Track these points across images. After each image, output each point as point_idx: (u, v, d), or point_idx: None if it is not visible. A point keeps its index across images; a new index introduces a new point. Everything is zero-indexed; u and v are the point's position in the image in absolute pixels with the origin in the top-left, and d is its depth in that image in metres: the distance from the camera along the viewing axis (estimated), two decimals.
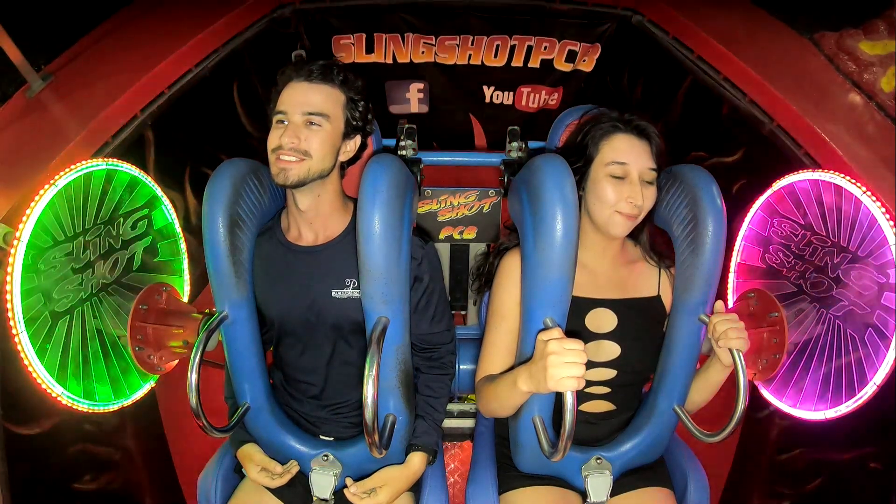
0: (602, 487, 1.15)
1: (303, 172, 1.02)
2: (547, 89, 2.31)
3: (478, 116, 2.47)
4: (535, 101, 2.36)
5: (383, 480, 1.14)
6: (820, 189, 1.18)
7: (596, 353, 1.13)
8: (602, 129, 1.10)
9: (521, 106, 2.39)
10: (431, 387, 1.21)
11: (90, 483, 1.26)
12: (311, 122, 1.03)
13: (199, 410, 1.00)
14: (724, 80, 1.52)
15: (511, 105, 2.38)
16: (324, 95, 1.05)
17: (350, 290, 1.11)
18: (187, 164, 1.58)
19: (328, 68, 1.06)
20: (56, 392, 1.06)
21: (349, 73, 1.09)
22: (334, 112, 1.06)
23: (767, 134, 1.40)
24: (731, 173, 1.55)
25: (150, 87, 1.40)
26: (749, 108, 1.44)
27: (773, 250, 1.30)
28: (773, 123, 1.38)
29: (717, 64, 1.55)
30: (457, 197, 1.80)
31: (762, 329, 1.19)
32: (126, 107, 1.32)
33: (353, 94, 1.08)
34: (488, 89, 2.35)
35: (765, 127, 1.40)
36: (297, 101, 1.04)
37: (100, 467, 1.30)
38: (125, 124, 1.32)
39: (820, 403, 1.15)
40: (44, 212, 1.03)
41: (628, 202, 1.05)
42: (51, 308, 1.06)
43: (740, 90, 1.47)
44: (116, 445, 1.35)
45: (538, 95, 2.34)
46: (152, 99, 1.38)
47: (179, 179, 1.56)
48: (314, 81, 1.05)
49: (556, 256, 0.97)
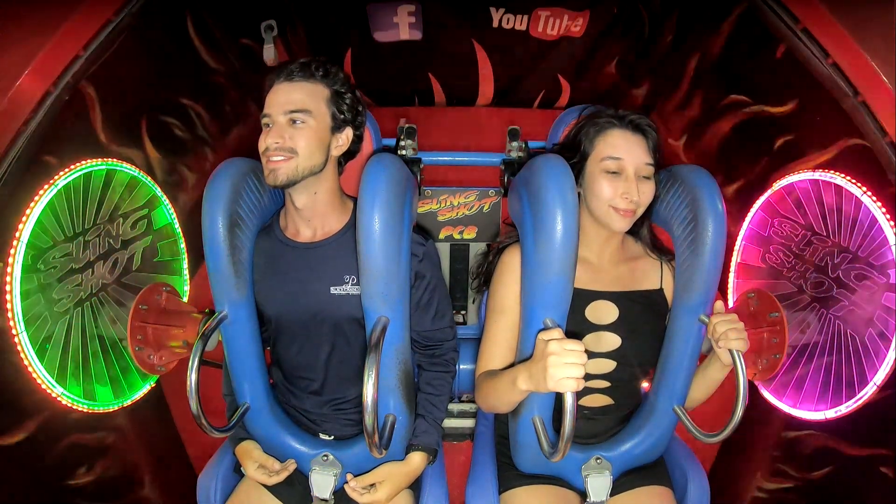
0: (602, 487, 1.15)
1: (291, 171, 1.02)
2: (570, 13, 1.84)
3: (484, 45, 2.00)
4: (554, 28, 1.90)
5: (383, 476, 1.14)
6: (820, 189, 1.17)
7: (596, 345, 1.13)
8: (597, 125, 1.11)
9: (538, 32, 1.92)
10: (433, 385, 1.21)
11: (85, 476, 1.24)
12: (295, 120, 1.04)
13: (199, 410, 1.00)
14: (803, 31, 1.19)
15: (525, 31, 1.91)
16: (305, 92, 1.05)
17: (349, 287, 1.11)
18: (143, 115, 1.41)
19: (307, 65, 1.07)
20: (56, 392, 1.06)
21: (331, 67, 1.09)
22: (317, 107, 1.06)
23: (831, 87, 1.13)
24: (778, 126, 1.36)
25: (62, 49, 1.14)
26: (830, 72, 1.14)
27: (774, 250, 1.30)
28: (857, 98, 1.10)
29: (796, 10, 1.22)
30: (457, 197, 1.80)
31: (762, 329, 1.19)
32: (43, 72, 1.10)
33: (337, 86, 1.08)
34: (497, 12, 1.87)
35: (848, 100, 1.12)
36: (279, 102, 1.04)
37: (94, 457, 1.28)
38: (46, 93, 1.10)
39: (820, 403, 1.16)
40: (43, 212, 1.03)
41: (623, 198, 1.05)
42: (51, 308, 1.06)
43: (823, 49, 1.15)
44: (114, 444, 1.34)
45: (559, 20, 1.87)
46: (69, 63, 1.15)
47: (136, 133, 1.39)
48: (295, 80, 1.05)
49: (556, 257, 0.97)
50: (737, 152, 1.53)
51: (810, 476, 1.31)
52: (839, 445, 1.21)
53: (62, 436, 1.17)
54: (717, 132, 1.60)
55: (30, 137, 1.05)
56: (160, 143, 1.44)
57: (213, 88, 1.65)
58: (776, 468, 1.42)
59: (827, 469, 1.26)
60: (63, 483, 1.19)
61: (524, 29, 1.90)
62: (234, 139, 1.77)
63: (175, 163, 1.52)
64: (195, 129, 1.61)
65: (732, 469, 1.60)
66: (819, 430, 1.26)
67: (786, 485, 1.39)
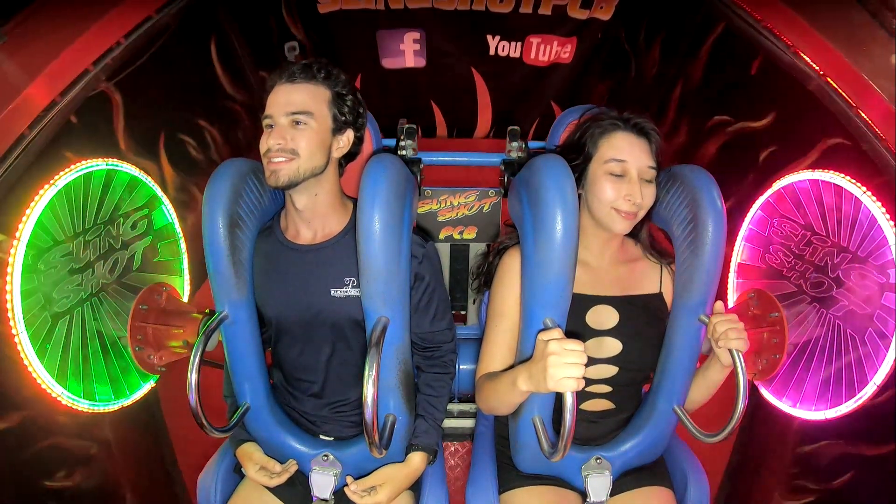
0: (602, 487, 1.15)
1: (292, 172, 1.02)
2: (559, 40, 2.04)
3: (481, 71, 2.20)
4: (545, 54, 2.09)
5: (383, 479, 1.14)
6: (820, 189, 1.18)
7: (597, 350, 1.13)
8: (601, 127, 1.11)
9: (530, 59, 2.12)
10: (432, 386, 1.21)
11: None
12: (297, 122, 1.04)
13: (199, 410, 1.00)
14: (765, 28, 1.34)
15: (518, 58, 2.11)
16: (307, 94, 1.05)
17: (349, 289, 1.11)
18: (161, 130, 1.46)
19: (309, 66, 1.07)
20: (56, 392, 1.06)
21: (332, 69, 1.09)
22: (318, 109, 1.06)
23: (814, 89, 1.22)
24: (758, 140, 1.43)
25: (103, 36, 1.22)
26: (792, 59, 1.26)
27: (774, 250, 1.30)
28: (821, 77, 1.20)
29: (753, 10, 1.37)
30: (457, 197, 1.80)
31: (762, 329, 1.19)
32: (77, 57, 1.16)
33: (339, 88, 1.09)
34: (493, 39, 2.07)
35: (811, 82, 1.22)
36: (281, 103, 1.04)
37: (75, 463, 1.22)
38: (79, 76, 1.16)
39: (820, 403, 1.16)
40: (44, 212, 1.03)
41: (626, 200, 1.05)
42: (51, 308, 1.06)
43: (782, 40, 1.29)
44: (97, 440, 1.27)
45: (549, 47, 2.06)
46: (107, 49, 1.22)
47: (153, 148, 1.45)
48: (297, 81, 1.06)
49: (556, 257, 0.97)
50: (723, 172, 1.58)
51: (831, 486, 1.25)
52: (857, 448, 1.17)
53: (47, 435, 1.12)
54: (704, 155, 1.65)
55: (55, 131, 1.07)
56: (175, 160, 1.48)
57: (229, 114, 1.69)
58: (795, 485, 1.36)
59: (849, 475, 1.20)
60: (39, 483, 1.13)
61: (518, 56, 2.12)
62: None
63: (186, 182, 1.53)
64: (209, 152, 1.64)
65: (745, 493, 1.53)
66: (833, 438, 1.21)
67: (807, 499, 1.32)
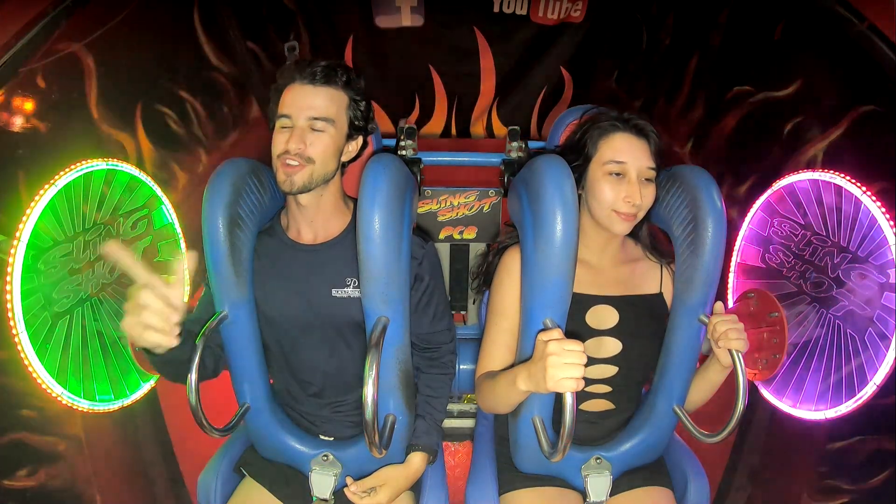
0: (602, 487, 1.16)
1: (306, 178, 1.02)
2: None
3: (484, 31, 2.03)
4: (554, 11, 1.94)
5: (383, 479, 1.14)
6: (820, 189, 1.18)
7: (597, 350, 1.13)
8: (601, 128, 1.11)
9: (538, 17, 1.96)
10: (432, 386, 1.21)
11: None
12: (316, 128, 1.03)
13: (199, 410, 1.00)
14: None
15: (525, 16, 1.95)
16: (328, 99, 1.04)
17: (350, 290, 1.11)
18: (139, 100, 1.36)
19: (332, 69, 1.05)
20: (56, 392, 1.06)
21: (352, 73, 1.08)
22: (338, 115, 1.05)
23: (855, 36, 1.07)
24: (783, 110, 1.33)
25: None
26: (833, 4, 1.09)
27: (773, 250, 1.30)
28: (865, 24, 1.04)
29: None
30: (457, 197, 1.80)
31: (762, 329, 1.19)
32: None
33: (354, 94, 1.08)
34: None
35: (853, 28, 1.06)
36: (302, 105, 1.03)
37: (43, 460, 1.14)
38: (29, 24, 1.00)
39: (820, 403, 1.16)
40: (44, 212, 1.03)
41: (626, 201, 1.05)
42: (51, 308, 1.06)
43: None
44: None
45: (559, 4, 1.92)
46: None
47: (129, 117, 1.34)
48: (318, 84, 1.04)
49: (555, 257, 0.97)
50: (745, 148, 1.49)
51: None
52: (888, 444, 1.09)
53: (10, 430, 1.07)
54: (723, 130, 1.57)
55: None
56: (153, 133, 1.38)
57: (213, 86, 1.59)
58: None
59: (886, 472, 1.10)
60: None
61: (525, 13, 1.93)
62: (230, 144, 1.71)
63: (167, 158, 1.46)
64: (191, 127, 1.55)
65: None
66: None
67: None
